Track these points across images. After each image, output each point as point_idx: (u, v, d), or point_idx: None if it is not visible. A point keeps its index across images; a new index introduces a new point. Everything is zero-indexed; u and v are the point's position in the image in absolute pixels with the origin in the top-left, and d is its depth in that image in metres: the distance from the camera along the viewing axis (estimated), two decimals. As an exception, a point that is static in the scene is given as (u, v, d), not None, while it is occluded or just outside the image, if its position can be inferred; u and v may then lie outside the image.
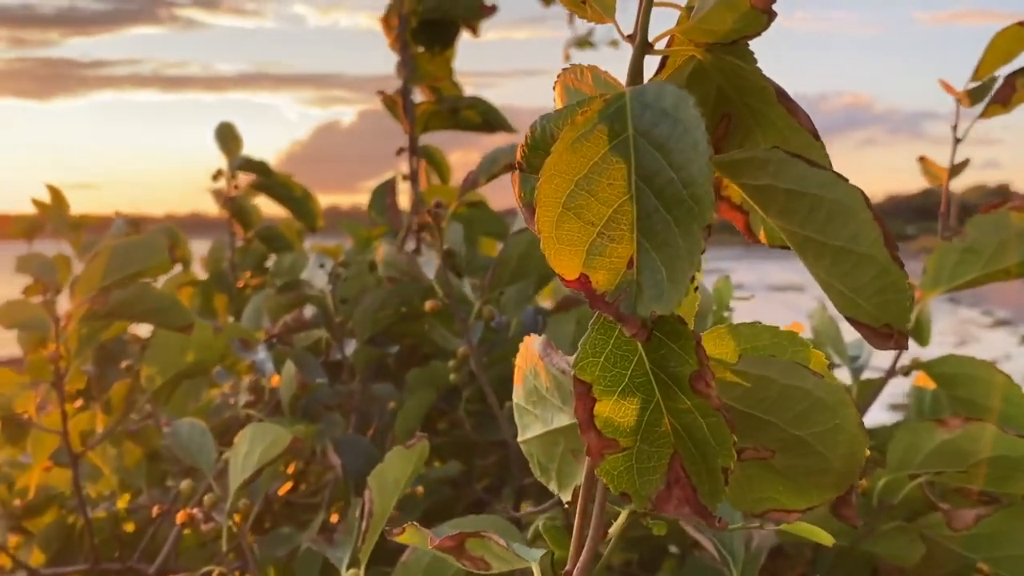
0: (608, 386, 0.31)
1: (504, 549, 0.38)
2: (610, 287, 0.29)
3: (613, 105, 0.29)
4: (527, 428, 0.41)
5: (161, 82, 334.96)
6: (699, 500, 0.31)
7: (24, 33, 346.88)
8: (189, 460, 0.64)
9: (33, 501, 0.86)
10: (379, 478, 0.53)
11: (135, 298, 0.69)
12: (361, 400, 0.79)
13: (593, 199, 0.29)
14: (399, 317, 0.77)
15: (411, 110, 1.00)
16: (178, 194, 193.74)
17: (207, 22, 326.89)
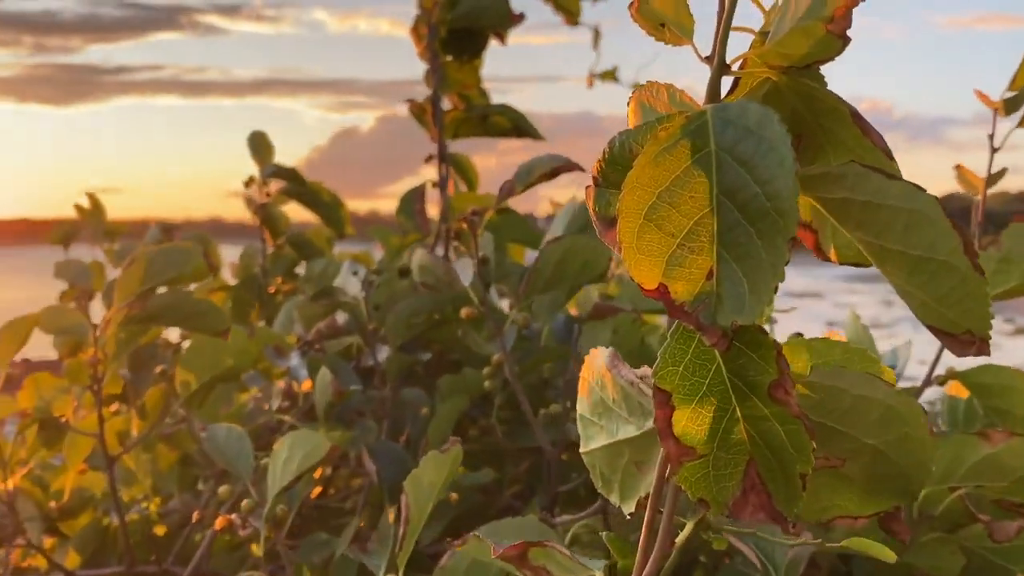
0: (686, 395, 0.32)
1: (567, 558, 0.38)
2: (689, 297, 0.30)
3: (695, 122, 0.31)
4: (591, 439, 0.41)
5: (181, 87, 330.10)
6: (774, 506, 0.32)
7: (46, 39, 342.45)
8: (227, 465, 0.64)
9: (68, 503, 0.87)
10: (414, 483, 0.53)
11: (173, 303, 0.69)
12: (393, 406, 0.79)
13: (674, 211, 0.30)
14: (431, 324, 0.77)
15: (440, 118, 1.01)
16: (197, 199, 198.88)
17: (227, 28, 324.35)
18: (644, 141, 0.34)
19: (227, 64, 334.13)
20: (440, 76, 1.02)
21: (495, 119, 0.99)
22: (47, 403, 0.77)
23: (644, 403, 0.39)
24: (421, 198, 0.96)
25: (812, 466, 0.32)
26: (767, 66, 0.34)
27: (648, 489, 0.40)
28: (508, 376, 0.68)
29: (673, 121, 0.31)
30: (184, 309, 0.70)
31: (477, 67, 1.09)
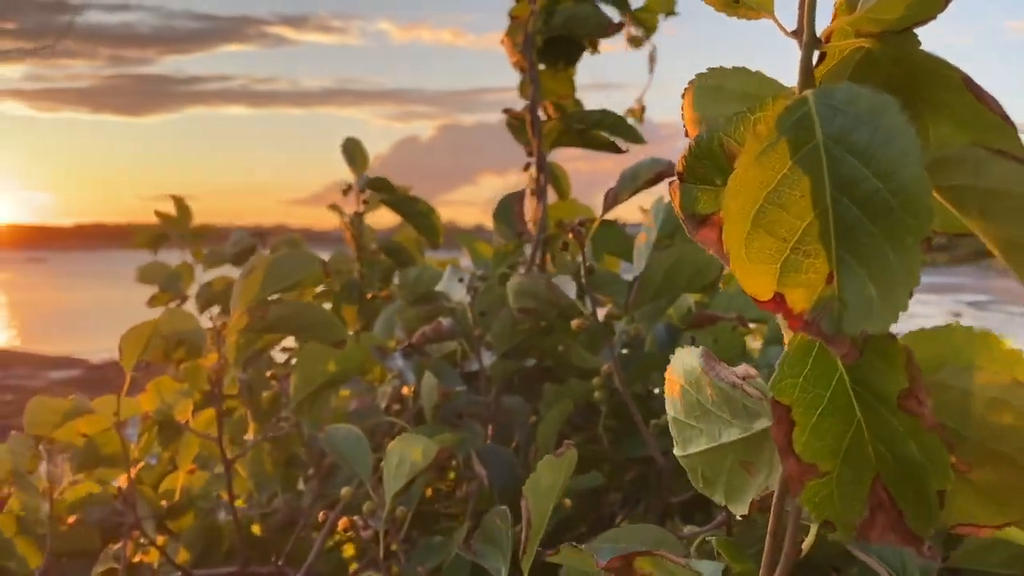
0: (807, 408, 0.30)
1: (679, 566, 0.38)
2: (808, 305, 0.27)
3: (796, 112, 0.28)
4: (689, 442, 0.40)
5: (250, 97, 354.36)
6: (906, 526, 0.30)
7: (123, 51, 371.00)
8: (347, 466, 0.66)
9: (178, 503, 0.90)
10: (533, 487, 0.53)
11: (294, 313, 0.71)
12: (495, 411, 0.80)
13: (785, 213, 0.28)
14: (536, 331, 0.78)
15: (539, 127, 1.01)
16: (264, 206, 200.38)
17: (294, 39, 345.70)
18: (736, 133, 0.31)
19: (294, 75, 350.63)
20: (538, 85, 1.03)
21: (595, 130, 0.99)
22: (168, 406, 0.80)
23: (749, 404, 0.37)
24: (520, 202, 0.96)
25: (951, 482, 0.30)
26: (859, 34, 0.31)
27: (759, 490, 0.38)
28: (618, 385, 0.68)
29: (769, 111, 0.29)
30: (303, 319, 0.72)
31: (571, 76, 1.10)
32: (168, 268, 1.33)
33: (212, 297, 1.32)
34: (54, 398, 0.75)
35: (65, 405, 0.75)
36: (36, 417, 0.74)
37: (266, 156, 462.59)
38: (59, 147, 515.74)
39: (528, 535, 0.52)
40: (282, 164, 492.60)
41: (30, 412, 0.74)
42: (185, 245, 1.40)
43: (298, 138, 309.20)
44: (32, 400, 0.74)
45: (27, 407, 0.74)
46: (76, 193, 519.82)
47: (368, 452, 0.65)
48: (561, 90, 1.09)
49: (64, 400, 0.76)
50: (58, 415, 0.75)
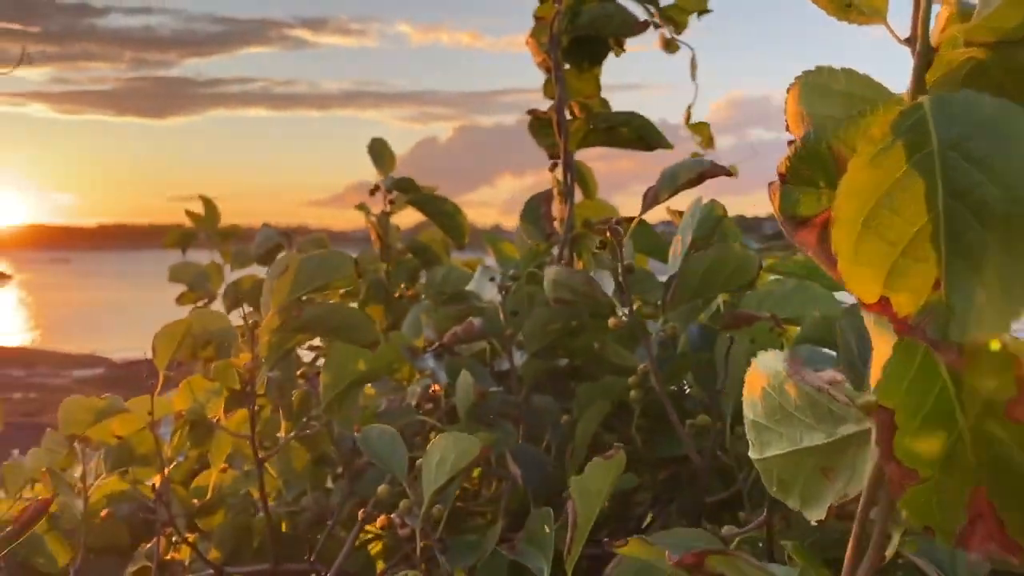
0: (910, 413, 0.30)
1: (753, 567, 0.38)
2: (914, 309, 0.28)
3: (911, 116, 0.28)
4: (767, 445, 0.40)
5: (270, 100, 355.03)
6: (1007, 535, 0.29)
7: (145, 54, 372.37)
8: (382, 465, 0.66)
9: (209, 501, 0.91)
10: (581, 488, 0.53)
11: (327, 314, 0.71)
12: (526, 411, 0.80)
13: (896, 217, 0.28)
14: (568, 331, 0.78)
15: (565, 127, 1.01)
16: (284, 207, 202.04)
17: (314, 42, 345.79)
18: (846, 137, 0.32)
19: (314, 77, 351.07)
20: (564, 85, 1.03)
21: (621, 129, 0.99)
22: (200, 405, 0.80)
23: (835, 409, 0.38)
24: (547, 202, 0.96)
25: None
26: (970, 43, 0.32)
27: (837, 497, 0.38)
28: (655, 385, 0.68)
29: (881, 115, 0.30)
30: (336, 320, 0.72)
31: (597, 76, 1.09)
32: (197, 267, 1.35)
33: (240, 296, 1.33)
34: (88, 397, 0.75)
35: (99, 404, 0.76)
36: (70, 416, 0.75)
37: (286, 158, 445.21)
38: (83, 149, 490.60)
39: (574, 536, 0.52)
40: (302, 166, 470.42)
41: (64, 411, 0.75)
42: (213, 245, 1.41)
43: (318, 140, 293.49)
44: (67, 399, 0.75)
45: (61, 406, 0.75)
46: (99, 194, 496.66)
47: (404, 451, 0.65)
48: (587, 90, 1.08)
49: (98, 399, 0.76)
50: (92, 414, 0.76)
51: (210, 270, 1.36)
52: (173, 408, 0.80)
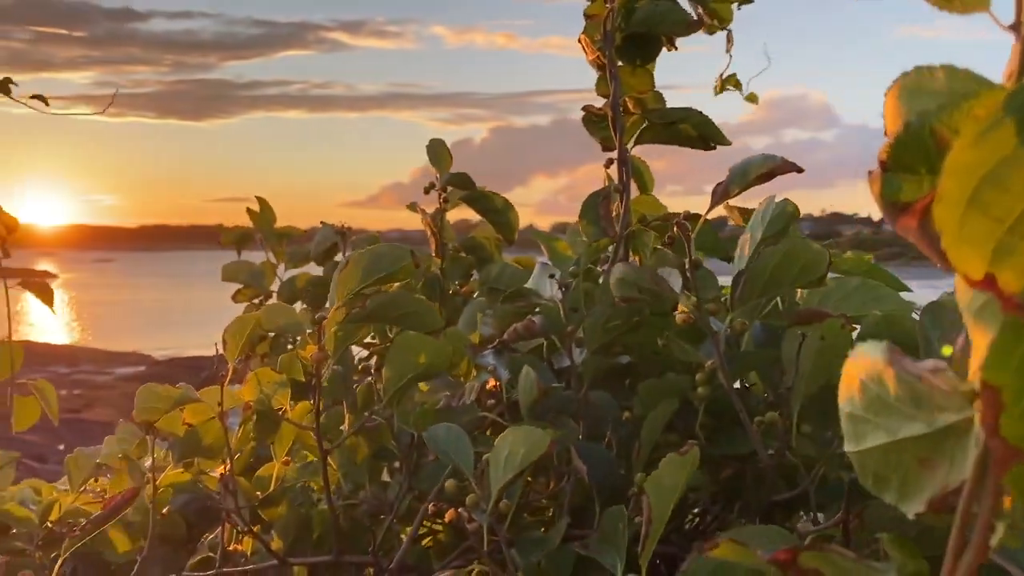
0: (1017, 392, 0.31)
1: (851, 561, 0.37)
2: (1021, 287, 0.28)
3: (1019, 97, 0.28)
4: (863, 438, 0.40)
5: (308, 102, 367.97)
6: None
7: (186, 57, 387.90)
8: (448, 460, 0.66)
9: (272, 493, 0.92)
10: (655, 485, 0.53)
11: (391, 303, 0.72)
12: (585, 408, 0.80)
13: (1003, 194, 0.28)
14: (629, 328, 0.78)
15: (620, 123, 1.01)
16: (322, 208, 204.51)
17: (351, 44, 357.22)
18: (949, 120, 0.32)
19: (351, 79, 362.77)
20: (618, 82, 1.03)
21: (680, 126, 0.98)
22: (267, 396, 0.82)
23: (937, 398, 0.38)
24: (606, 201, 0.96)
25: None
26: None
27: (936, 489, 0.38)
28: (723, 381, 0.68)
29: (988, 98, 0.30)
30: (401, 309, 0.73)
31: (650, 72, 1.09)
32: (251, 266, 1.37)
33: (294, 294, 1.35)
34: (163, 385, 0.77)
35: (173, 392, 0.78)
36: (145, 403, 0.77)
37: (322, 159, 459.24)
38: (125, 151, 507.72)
39: (648, 532, 0.52)
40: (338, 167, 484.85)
41: (140, 398, 0.77)
42: (269, 245, 1.43)
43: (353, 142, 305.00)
44: (143, 386, 0.77)
45: (137, 393, 0.77)
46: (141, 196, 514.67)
47: (470, 447, 0.66)
48: (641, 86, 1.08)
49: (172, 388, 0.78)
50: (166, 402, 0.78)
51: (264, 268, 1.38)
52: (241, 399, 0.81)
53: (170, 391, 0.77)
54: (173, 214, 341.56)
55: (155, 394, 0.77)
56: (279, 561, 0.81)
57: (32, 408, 1.38)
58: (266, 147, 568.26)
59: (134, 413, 0.78)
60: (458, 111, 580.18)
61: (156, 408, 0.77)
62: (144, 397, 0.77)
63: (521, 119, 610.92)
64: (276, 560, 0.82)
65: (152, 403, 0.77)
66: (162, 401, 0.77)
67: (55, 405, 1.35)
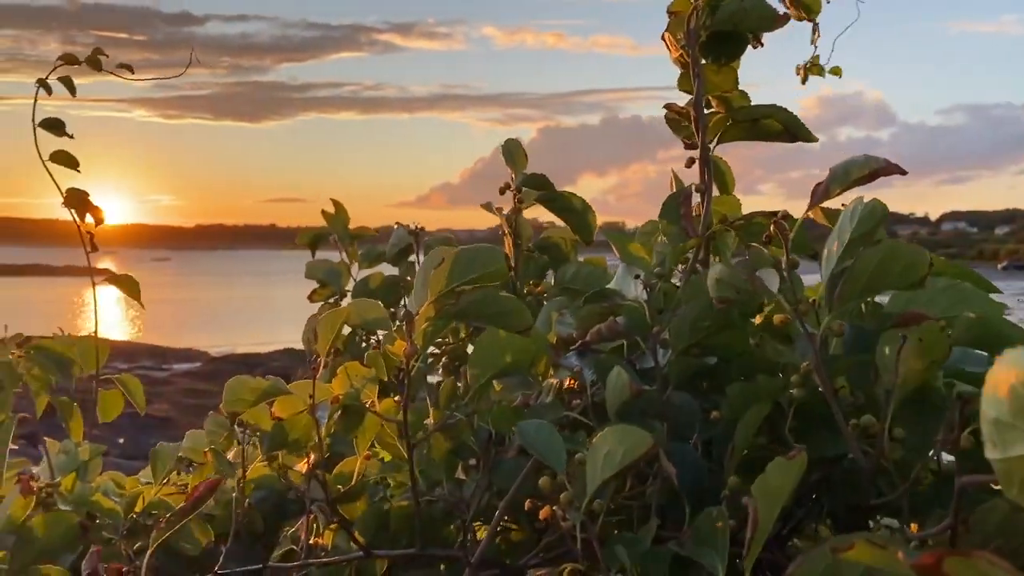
0: None
1: (999, 568, 0.36)
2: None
3: None
4: (1009, 445, 0.39)
5: (359, 104, 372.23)
6: None
7: (242, 60, 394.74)
8: (541, 457, 0.66)
9: (353, 487, 0.93)
10: (762, 488, 0.53)
11: (483, 301, 0.73)
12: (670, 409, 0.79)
13: None
14: (717, 328, 0.77)
15: (704, 121, 1.00)
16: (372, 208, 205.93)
17: (402, 46, 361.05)
18: None
19: (402, 81, 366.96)
20: (702, 80, 1.02)
21: (765, 122, 0.97)
22: (356, 391, 0.83)
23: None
24: (687, 201, 0.96)
25: None
26: None
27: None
28: (820, 384, 0.66)
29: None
30: (492, 307, 0.73)
31: (735, 70, 1.08)
32: (330, 265, 1.39)
33: (368, 293, 1.37)
34: (253, 377, 0.79)
35: (263, 384, 0.79)
36: (235, 395, 0.78)
37: (373, 160, 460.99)
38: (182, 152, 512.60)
39: (754, 535, 0.51)
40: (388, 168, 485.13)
41: (229, 390, 0.78)
42: (343, 245, 1.45)
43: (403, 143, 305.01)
44: (232, 378, 0.78)
45: (227, 385, 0.78)
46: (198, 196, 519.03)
47: (561, 444, 0.66)
48: (725, 84, 1.07)
49: (262, 380, 0.80)
50: (255, 394, 0.79)
51: (341, 267, 1.41)
52: (331, 393, 0.82)
53: (260, 383, 0.79)
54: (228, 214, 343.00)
55: (244, 386, 0.78)
56: (365, 554, 0.82)
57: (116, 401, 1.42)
58: (318, 148, 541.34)
59: (222, 405, 0.79)
60: (507, 111, 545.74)
61: (244, 400, 0.79)
62: (233, 389, 0.78)
63: (570, 119, 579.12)
64: (362, 553, 0.82)
65: (241, 395, 0.78)
66: (251, 393, 0.79)
67: (141, 397, 1.38)
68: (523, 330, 0.74)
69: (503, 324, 0.75)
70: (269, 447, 0.84)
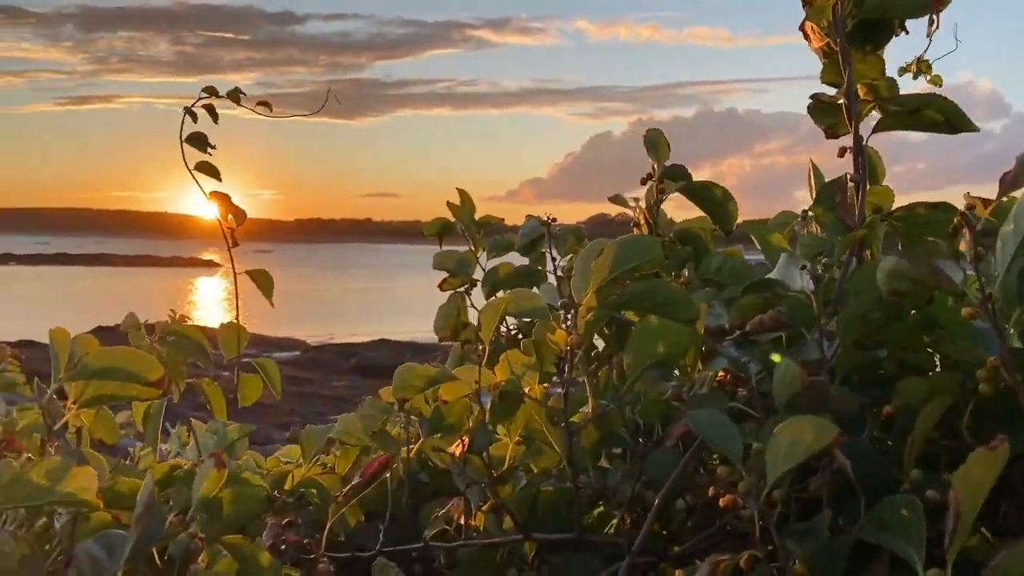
0: None
1: None
2: None
3: None
4: None
5: (453, 100, 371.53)
6: None
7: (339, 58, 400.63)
8: (716, 447, 0.67)
9: (504, 472, 0.96)
10: (963, 480, 0.52)
11: (648, 291, 0.74)
12: (835, 401, 0.78)
13: None
14: (888, 320, 0.75)
15: (856, 111, 0.98)
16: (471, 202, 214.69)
17: (496, 42, 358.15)
18: None
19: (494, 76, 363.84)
20: (852, 69, 1.00)
21: (925, 112, 0.94)
22: (517, 378, 0.85)
23: None
24: (843, 190, 0.94)
25: None
26: None
27: None
28: (1007, 378, 0.65)
29: None
30: (657, 297, 0.74)
31: (881, 58, 1.05)
32: (460, 255, 1.42)
33: (498, 283, 1.39)
34: (422, 364, 0.82)
35: (431, 371, 0.82)
36: (404, 381, 0.82)
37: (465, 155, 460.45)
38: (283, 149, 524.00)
39: (955, 527, 0.51)
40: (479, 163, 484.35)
41: (399, 376, 0.82)
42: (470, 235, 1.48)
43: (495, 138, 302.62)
44: (401, 366, 0.82)
45: (396, 371, 0.81)
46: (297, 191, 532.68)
47: (737, 434, 0.66)
48: (871, 73, 1.04)
49: (430, 367, 0.83)
50: (424, 380, 0.82)
51: (469, 257, 1.43)
52: (494, 380, 0.85)
53: (428, 370, 0.82)
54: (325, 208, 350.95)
55: (413, 373, 0.81)
56: (525, 537, 0.84)
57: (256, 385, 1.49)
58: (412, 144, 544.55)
59: (392, 390, 0.82)
60: (599, 105, 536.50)
61: (413, 386, 0.82)
62: (403, 376, 0.81)
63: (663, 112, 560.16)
64: (521, 536, 0.85)
65: (410, 381, 0.81)
66: (420, 379, 0.82)
67: (278, 381, 1.45)
68: (688, 320, 0.74)
69: (668, 314, 0.76)
70: (429, 430, 0.87)
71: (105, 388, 0.77)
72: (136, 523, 0.68)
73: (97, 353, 0.74)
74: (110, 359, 0.75)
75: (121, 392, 0.77)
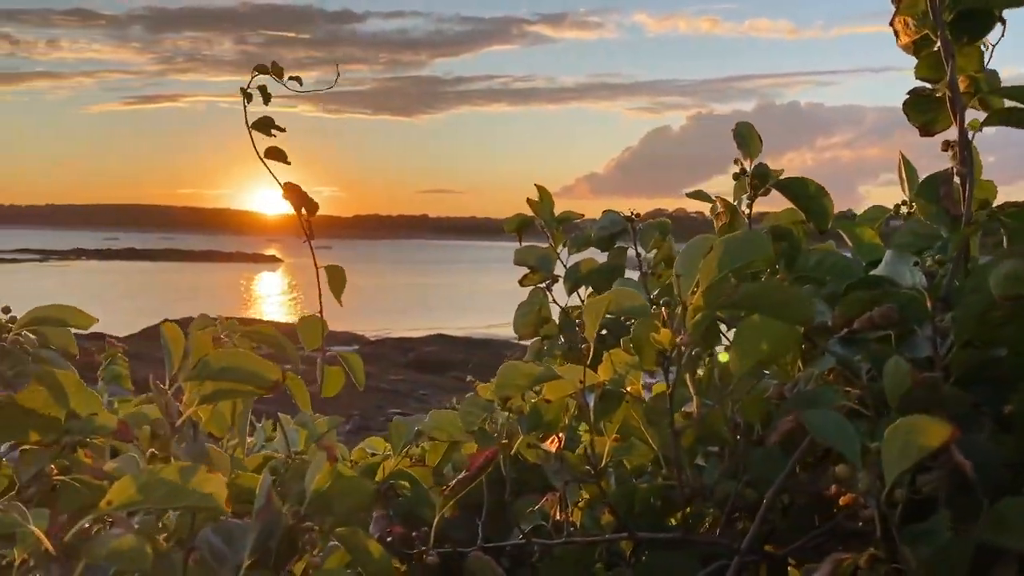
0: None
1: None
2: None
3: None
4: None
5: (510, 96, 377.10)
6: None
7: (398, 56, 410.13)
8: (834, 445, 0.66)
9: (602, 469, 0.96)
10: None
11: (762, 292, 0.73)
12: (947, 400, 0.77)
13: None
14: (1005, 320, 0.74)
15: (961, 105, 0.96)
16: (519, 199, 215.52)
17: (553, 37, 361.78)
18: None
19: (552, 72, 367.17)
20: (954, 61, 0.97)
21: (1039, 104, 0.92)
22: (621, 377, 0.85)
23: None
24: (948, 182, 0.92)
25: None
26: None
27: None
28: None
29: None
30: (771, 298, 0.73)
31: (978, 50, 1.03)
32: (541, 251, 1.43)
33: (579, 279, 1.40)
34: (526, 363, 0.83)
35: (535, 370, 0.83)
36: (508, 380, 0.83)
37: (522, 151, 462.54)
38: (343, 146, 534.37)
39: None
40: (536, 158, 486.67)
41: (502, 375, 0.83)
42: (549, 230, 1.49)
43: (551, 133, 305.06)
44: (505, 363, 0.83)
45: (500, 369, 0.83)
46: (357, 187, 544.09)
47: (854, 433, 0.66)
48: (970, 66, 1.02)
49: (533, 365, 0.84)
50: (528, 379, 0.83)
51: (551, 253, 1.44)
52: (598, 379, 0.86)
53: (532, 368, 0.83)
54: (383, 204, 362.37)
55: (517, 371, 0.82)
56: (630, 535, 0.85)
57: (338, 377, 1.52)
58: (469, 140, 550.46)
59: (495, 388, 0.84)
60: (657, 99, 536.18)
61: (517, 385, 0.83)
62: (506, 374, 0.82)
63: (723, 106, 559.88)
64: (626, 533, 0.85)
65: (514, 380, 0.82)
66: (524, 378, 0.83)
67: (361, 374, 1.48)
68: (803, 322, 0.74)
69: (782, 315, 0.75)
70: (528, 427, 0.88)
71: (222, 386, 0.79)
72: (257, 516, 0.70)
73: (217, 354, 0.77)
74: (228, 360, 0.78)
75: (237, 389, 0.80)
